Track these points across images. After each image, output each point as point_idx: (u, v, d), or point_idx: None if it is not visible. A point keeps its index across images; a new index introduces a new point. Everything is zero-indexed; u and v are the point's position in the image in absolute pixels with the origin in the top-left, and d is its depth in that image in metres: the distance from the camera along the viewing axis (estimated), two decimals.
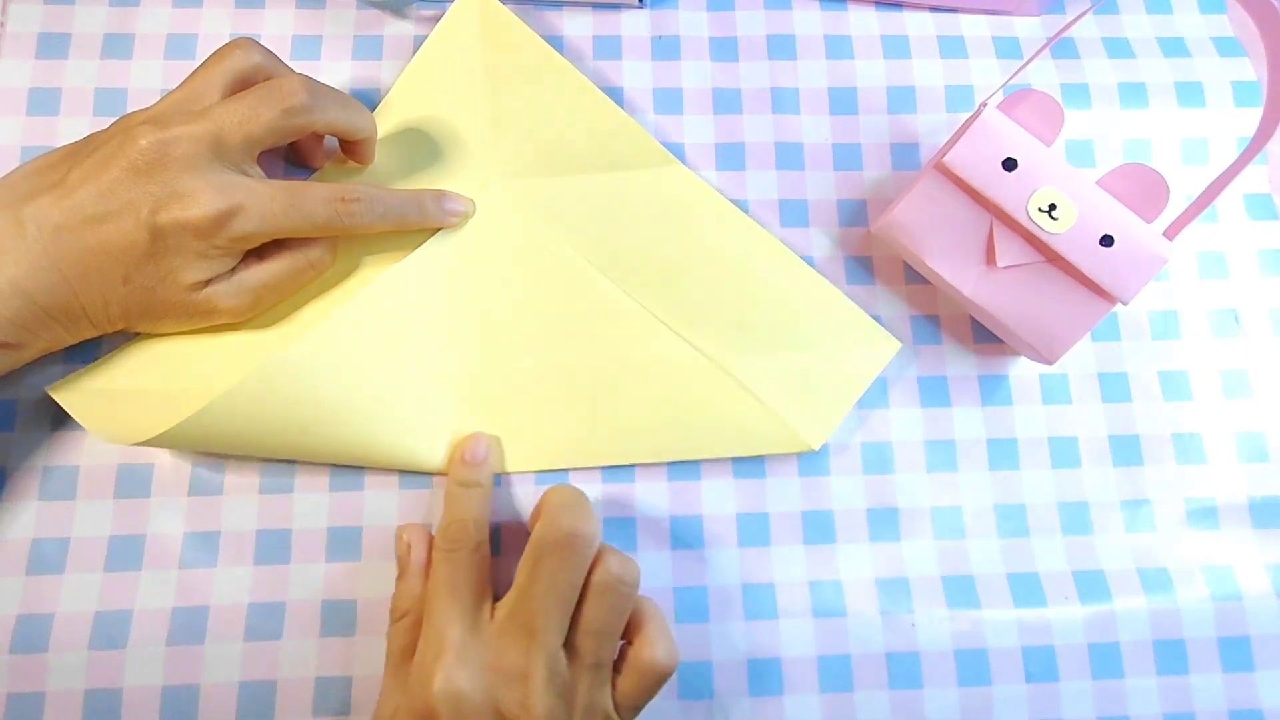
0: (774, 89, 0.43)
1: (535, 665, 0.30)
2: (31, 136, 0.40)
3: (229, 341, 0.37)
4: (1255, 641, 0.37)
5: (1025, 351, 0.38)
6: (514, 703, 0.30)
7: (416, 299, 0.38)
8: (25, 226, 0.31)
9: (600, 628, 0.32)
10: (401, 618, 0.33)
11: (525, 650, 0.30)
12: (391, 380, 0.37)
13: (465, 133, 0.40)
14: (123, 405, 0.35)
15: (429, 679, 0.30)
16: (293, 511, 0.37)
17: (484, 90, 0.40)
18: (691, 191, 0.40)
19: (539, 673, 0.30)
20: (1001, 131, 0.36)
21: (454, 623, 0.31)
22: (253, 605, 0.36)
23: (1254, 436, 0.40)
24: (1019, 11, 0.44)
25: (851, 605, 0.37)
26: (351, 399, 0.36)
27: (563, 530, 0.32)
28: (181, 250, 0.32)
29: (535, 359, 0.38)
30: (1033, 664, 0.37)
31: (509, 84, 0.41)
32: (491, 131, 0.40)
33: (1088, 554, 0.38)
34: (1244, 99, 0.43)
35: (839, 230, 0.41)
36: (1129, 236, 0.35)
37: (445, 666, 0.30)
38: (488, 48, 0.41)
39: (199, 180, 0.32)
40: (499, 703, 0.30)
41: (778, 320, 0.39)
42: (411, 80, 0.41)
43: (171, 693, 0.34)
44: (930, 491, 0.39)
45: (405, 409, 0.37)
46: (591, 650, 0.31)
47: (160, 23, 0.41)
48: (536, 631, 0.30)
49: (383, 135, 0.40)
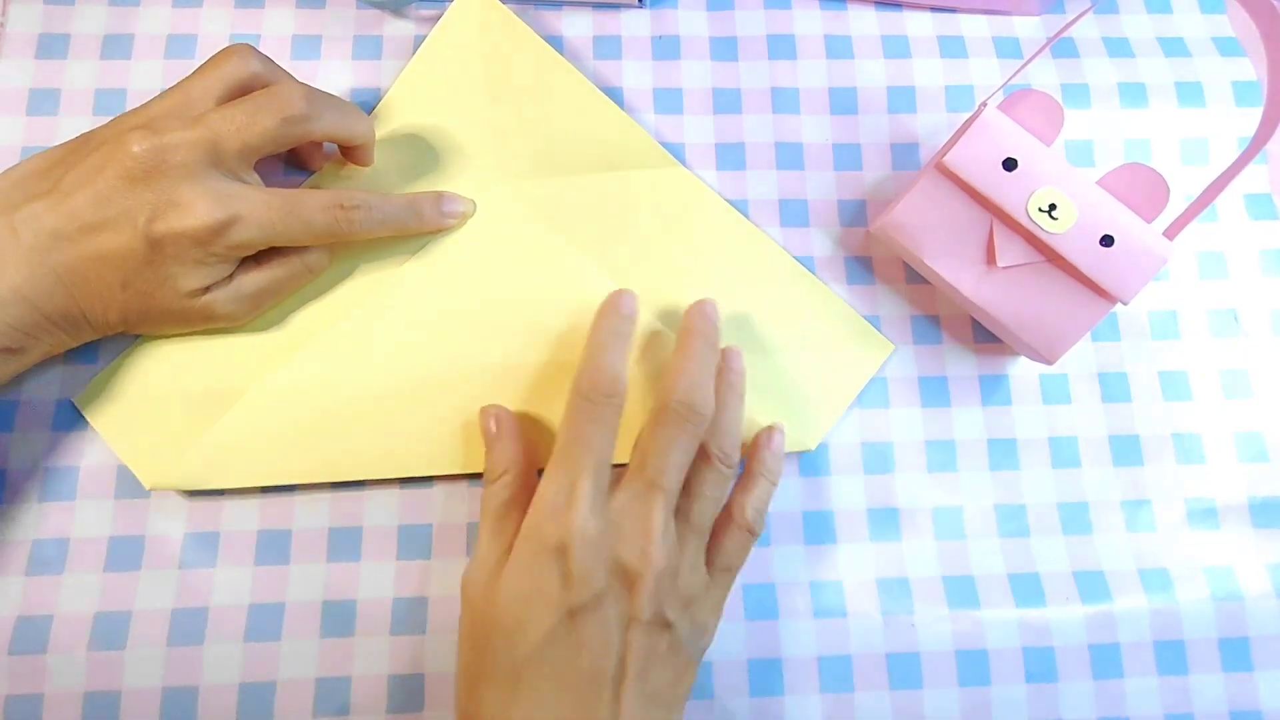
0: (774, 89, 0.43)
1: (654, 521, 0.31)
2: (31, 136, 0.40)
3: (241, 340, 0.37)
4: (1255, 642, 0.37)
5: (1025, 351, 0.38)
6: (634, 553, 0.31)
7: (418, 301, 0.38)
8: (20, 233, 0.31)
9: (709, 494, 0.34)
10: (502, 475, 0.34)
11: (646, 506, 0.32)
12: (395, 384, 0.37)
13: (464, 133, 0.40)
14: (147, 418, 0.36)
15: (563, 519, 0.31)
16: (293, 511, 0.37)
17: (483, 90, 0.40)
18: (691, 193, 0.40)
19: (657, 528, 0.31)
20: (1002, 131, 0.36)
21: (588, 474, 0.31)
22: (253, 606, 0.36)
23: (1254, 436, 0.40)
24: (1019, 11, 0.44)
25: (852, 605, 0.37)
26: (356, 407, 0.36)
27: (684, 401, 0.33)
28: (179, 258, 0.32)
29: (537, 356, 0.38)
30: (1033, 664, 0.37)
31: (508, 84, 0.40)
32: (490, 132, 0.40)
33: (1088, 554, 0.38)
34: (1244, 99, 0.43)
35: (839, 230, 0.41)
36: (1129, 236, 0.35)
37: (579, 512, 0.31)
38: (487, 48, 0.41)
39: (196, 189, 0.32)
40: (622, 550, 0.31)
41: (773, 322, 0.39)
42: (411, 80, 0.41)
43: (171, 694, 0.34)
44: (930, 491, 0.39)
45: (411, 412, 0.37)
46: (699, 514, 0.33)
47: (160, 23, 0.41)
48: (658, 490, 0.32)
49: (381, 136, 0.40)
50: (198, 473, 0.35)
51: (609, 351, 0.34)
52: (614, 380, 0.33)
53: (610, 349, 0.34)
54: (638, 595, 0.31)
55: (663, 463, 0.32)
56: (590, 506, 0.31)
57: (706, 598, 0.33)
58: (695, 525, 0.33)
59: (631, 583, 0.31)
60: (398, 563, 0.36)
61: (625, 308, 0.35)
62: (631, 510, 0.32)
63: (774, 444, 0.36)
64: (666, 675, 0.31)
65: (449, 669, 0.35)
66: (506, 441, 0.35)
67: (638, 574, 0.31)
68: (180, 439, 0.36)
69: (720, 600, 0.34)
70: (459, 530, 0.37)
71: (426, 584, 0.36)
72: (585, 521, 0.31)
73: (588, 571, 0.30)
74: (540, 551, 0.31)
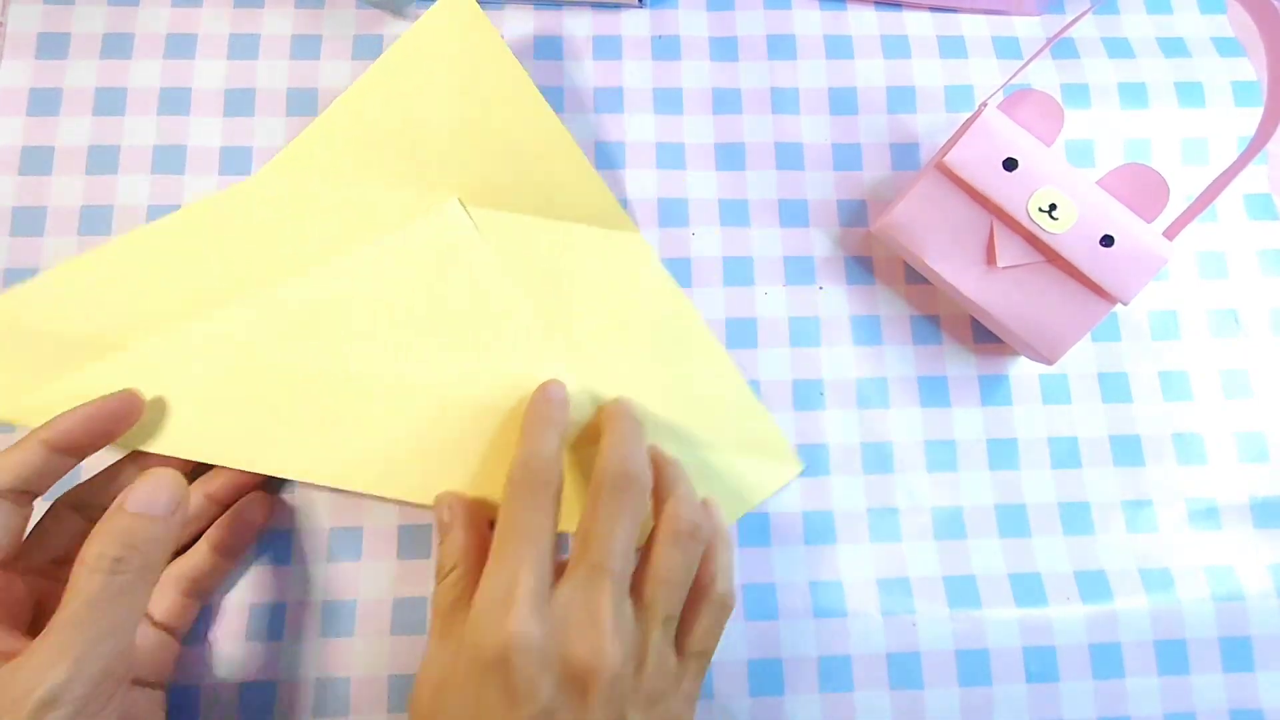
0: (774, 89, 0.43)
1: (604, 611, 0.28)
2: (31, 136, 0.40)
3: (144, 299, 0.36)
4: (1256, 642, 0.37)
5: (1025, 351, 0.38)
6: (585, 651, 0.28)
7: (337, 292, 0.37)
8: None
9: (668, 575, 0.30)
10: (450, 572, 0.31)
11: (593, 595, 0.29)
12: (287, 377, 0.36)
13: (423, 142, 0.39)
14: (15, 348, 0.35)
15: (500, 626, 0.27)
16: (293, 511, 0.37)
17: (451, 103, 0.39)
18: (640, 263, 0.40)
19: (607, 618, 0.28)
20: (1002, 131, 0.36)
21: (528, 568, 0.28)
22: (253, 606, 0.36)
23: (1254, 436, 0.40)
24: (1019, 11, 0.44)
25: (852, 605, 0.37)
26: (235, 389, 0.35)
27: (619, 471, 0.31)
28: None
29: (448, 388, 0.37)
30: (1034, 664, 0.37)
31: (478, 103, 0.39)
32: (450, 147, 0.39)
33: (1089, 554, 0.38)
34: (1244, 99, 0.43)
35: (839, 230, 0.41)
36: (1129, 236, 0.35)
37: (519, 615, 0.27)
38: (461, 59, 0.39)
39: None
40: (570, 650, 0.28)
41: (693, 414, 0.38)
42: (377, 76, 0.39)
43: (171, 694, 0.34)
44: (930, 491, 0.39)
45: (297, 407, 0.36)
46: (661, 598, 0.30)
47: (160, 23, 0.41)
48: (604, 574, 0.29)
49: (338, 127, 0.39)
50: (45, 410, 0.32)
51: (539, 438, 0.32)
52: (548, 466, 0.31)
53: (540, 436, 0.32)
54: (591, 701, 0.27)
55: (607, 543, 0.29)
56: (531, 606, 0.27)
57: (677, 692, 0.30)
58: (657, 611, 0.30)
59: (585, 688, 0.27)
60: (398, 563, 0.36)
61: (556, 395, 0.34)
62: (578, 601, 0.28)
63: (717, 510, 0.34)
64: None
65: None
66: (457, 533, 0.32)
67: (591, 675, 0.27)
68: (42, 375, 0.34)
69: (694, 693, 0.31)
70: None
71: (426, 584, 0.36)
72: (525, 625, 0.27)
73: (531, 684, 0.27)
74: (479, 667, 0.27)
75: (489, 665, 0.27)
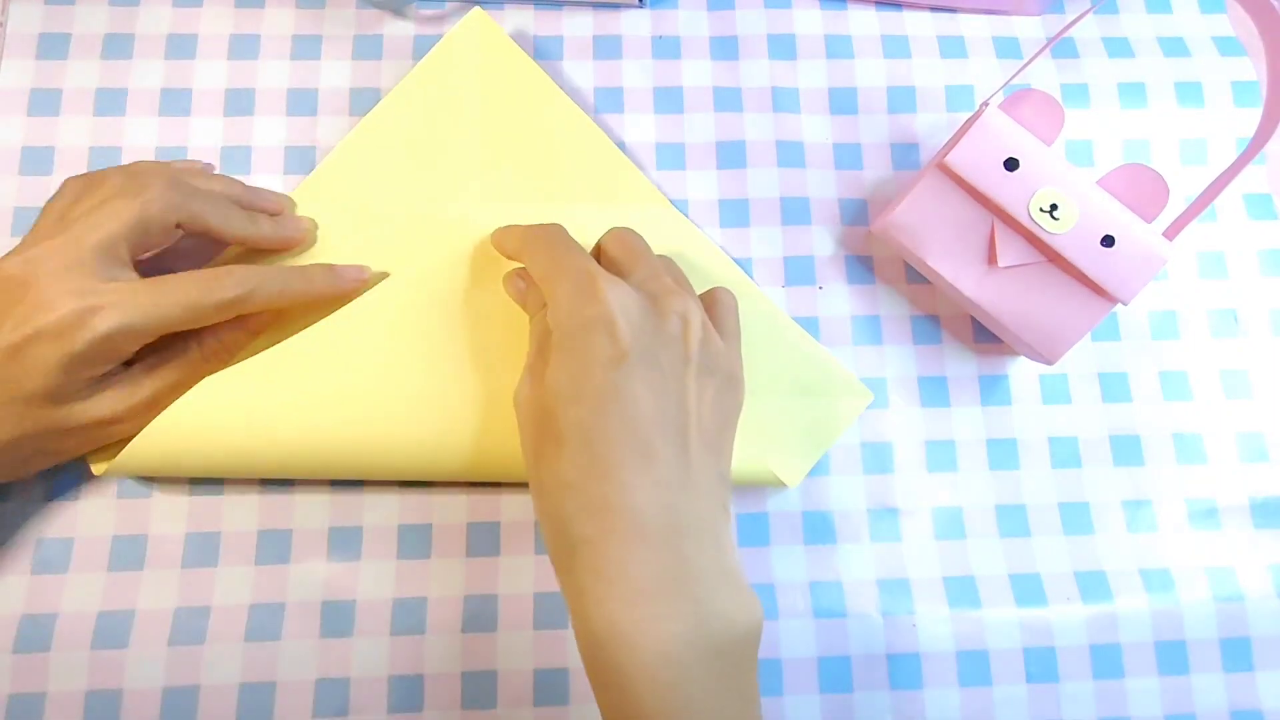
0: (774, 88, 0.43)
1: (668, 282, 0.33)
2: (31, 136, 0.40)
3: None
4: (1256, 642, 0.37)
5: (1025, 351, 0.38)
6: (665, 309, 0.32)
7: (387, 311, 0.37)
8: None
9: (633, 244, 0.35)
10: (541, 308, 0.34)
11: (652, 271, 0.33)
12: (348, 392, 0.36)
13: (453, 154, 0.40)
14: None
15: (592, 295, 0.31)
16: (293, 512, 0.37)
17: (477, 112, 0.40)
18: (679, 234, 0.40)
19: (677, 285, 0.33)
20: (1003, 132, 0.36)
21: (590, 264, 0.32)
22: (253, 606, 0.36)
23: (1254, 436, 0.40)
24: (1019, 11, 0.44)
25: (852, 605, 0.37)
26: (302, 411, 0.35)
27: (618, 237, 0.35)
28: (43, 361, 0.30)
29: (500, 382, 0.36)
30: (1034, 664, 0.37)
31: (503, 110, 0.40)
32: (481, 155, 0.40)
33: (1089, 554, 0.38)
34: (1244, 99, 0.43)
35: (840, 230, 0.41)
36: (1129, 236, 0.35)
37: (606, 283, 0.31)
38: (485, 72, 0.40)
39: (55, 288, 0.31)
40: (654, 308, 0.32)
41: (758, 365, 0.38)
42: (404, 95, 0.40)
43: (172, 693, 0.34)
44: (930, 491, 0.39)
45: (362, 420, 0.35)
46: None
47: (160, 23, 0.41)
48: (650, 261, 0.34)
49: (369, 148, 0.39)
50: (143, 461, 0.34)
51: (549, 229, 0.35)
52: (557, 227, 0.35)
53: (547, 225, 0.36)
54: (686, 341, 0.31)
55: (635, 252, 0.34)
56: (606, 278, 0.31)
57: (728, 350, 0.34)
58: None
59: (671, 333, 0.31)
60: (398, 563, 0.37)
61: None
62: (640, 279, 0.33)
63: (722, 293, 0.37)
64: (716, 420, 0.32)
65: (449, 669, 0.35)
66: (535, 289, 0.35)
67: (681, 320, 0.32)
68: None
69: (738, 354, 0.35)
70: (459, 530, 0.37)
71: (426, 584, 0.36)
72: (615, 286, 0.31)
73: (635, 325, 0.30)
74: (581, 329, 0.30)
75: (592, 322, 0.30)
